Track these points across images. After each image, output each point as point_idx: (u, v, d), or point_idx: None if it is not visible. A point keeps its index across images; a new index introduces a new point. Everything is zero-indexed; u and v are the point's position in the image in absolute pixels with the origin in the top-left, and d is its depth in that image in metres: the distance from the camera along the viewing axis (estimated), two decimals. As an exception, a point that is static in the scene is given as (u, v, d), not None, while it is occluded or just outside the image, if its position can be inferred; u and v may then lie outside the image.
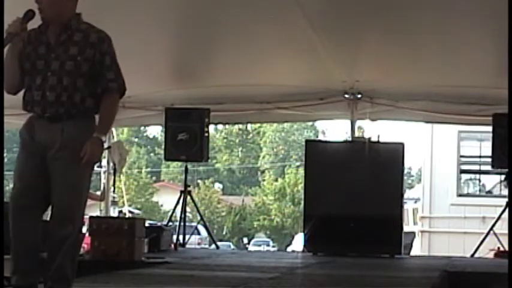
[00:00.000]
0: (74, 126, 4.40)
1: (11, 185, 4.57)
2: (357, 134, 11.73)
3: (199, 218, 12.04)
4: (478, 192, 17.50)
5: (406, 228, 11.15)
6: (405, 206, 14.97)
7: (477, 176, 17.57)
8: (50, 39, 4.48)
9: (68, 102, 4.39)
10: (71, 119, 4.40)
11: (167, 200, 37.41)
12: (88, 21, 4.56)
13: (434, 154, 16.42)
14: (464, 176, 17.23)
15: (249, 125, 51.96)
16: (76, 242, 4.48)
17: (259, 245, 41.02)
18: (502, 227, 10.39)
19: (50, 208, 4.41)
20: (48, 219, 4.41)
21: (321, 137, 49.76)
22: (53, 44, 4.46)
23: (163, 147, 11.59)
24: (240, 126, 51.58)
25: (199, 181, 47.27)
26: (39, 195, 4.39)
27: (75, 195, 4.40)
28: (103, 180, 12.07)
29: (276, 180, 49.34)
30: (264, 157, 54.70)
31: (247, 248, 38.86)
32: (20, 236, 4.37)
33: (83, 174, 4.42)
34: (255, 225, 47.99)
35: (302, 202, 11.11)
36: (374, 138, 10.16)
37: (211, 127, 12.90)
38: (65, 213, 4.36)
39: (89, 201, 13.09)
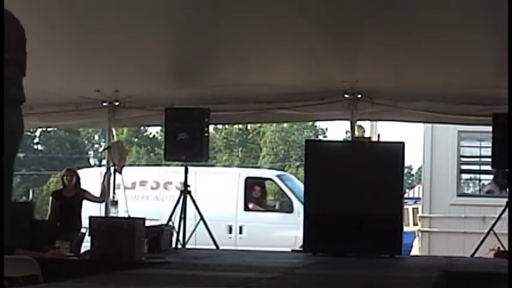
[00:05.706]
0: None
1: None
2: (357, 134, 11.73)
3: (199, 218, 12.01)
4: (478, 192, 17.46)
5: (406, 228, 11.15)
6: (405, 206, 14.94)
7: (477, 176, 17.53)
8: None
9: None
10: None
11: (167, 200, 37.32)
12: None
13: (434, 154, 16.37)
14: (464, 176, 17.19)
15: (249, 125, 51.90)
16: None
17: (259, 245, 40.97)
18: (502, 227, 10.37)
19: None
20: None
21: (321, 137, 49.74)
22: None
23: (163, 147, 11.58)
24: (240, 126, 51.53)
25: (199, 181, 47.16)
26: None
27: None
28: (103, 180, 12.05)
29: (276, 180, 49.28)
30: (264, 157, 54.64)
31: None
32: None
33: None
34: (255, 225, 47.92)
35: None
36: (374, 138, 10.16)
37: (211, 127, 12.90)
38: None
39: (89, 202, 13.00)
